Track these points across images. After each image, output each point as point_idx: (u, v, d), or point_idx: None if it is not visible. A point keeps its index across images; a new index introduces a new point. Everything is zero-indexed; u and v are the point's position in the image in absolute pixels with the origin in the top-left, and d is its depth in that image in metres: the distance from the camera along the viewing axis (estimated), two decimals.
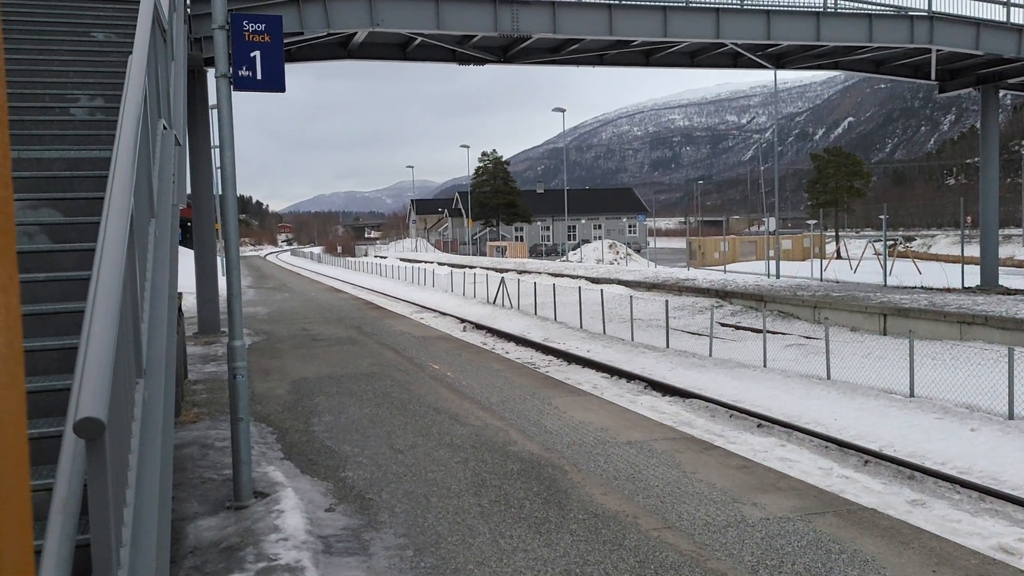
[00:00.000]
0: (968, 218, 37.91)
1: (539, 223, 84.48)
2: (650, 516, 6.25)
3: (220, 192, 9.25)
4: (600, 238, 67.46)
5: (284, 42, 7.71)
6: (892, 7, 21.66)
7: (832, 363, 13.78)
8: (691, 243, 52.15)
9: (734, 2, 20.54)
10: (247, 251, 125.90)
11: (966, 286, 25.47)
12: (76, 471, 2.35)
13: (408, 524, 6.22)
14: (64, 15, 9.09)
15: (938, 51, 22.34)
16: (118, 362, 2.67)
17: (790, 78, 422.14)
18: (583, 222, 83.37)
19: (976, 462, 9.04)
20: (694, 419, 11.28)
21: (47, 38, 8.43)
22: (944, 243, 62.05)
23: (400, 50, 21.31)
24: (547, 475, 7.36)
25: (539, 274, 37.85)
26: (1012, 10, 22.79)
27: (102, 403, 2.29)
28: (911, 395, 12.05)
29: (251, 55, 6.84)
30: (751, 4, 20.65)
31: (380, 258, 74.21)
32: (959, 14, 22.21)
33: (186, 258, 16.19)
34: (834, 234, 59.61)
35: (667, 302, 19.59)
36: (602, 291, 22.85)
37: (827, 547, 5.58)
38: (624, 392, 13.41)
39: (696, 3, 20.24)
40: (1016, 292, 23.61)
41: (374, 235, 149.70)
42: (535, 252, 72.84)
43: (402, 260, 64.69)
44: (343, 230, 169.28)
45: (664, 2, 19.92)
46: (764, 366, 14.94)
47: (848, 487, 8.13)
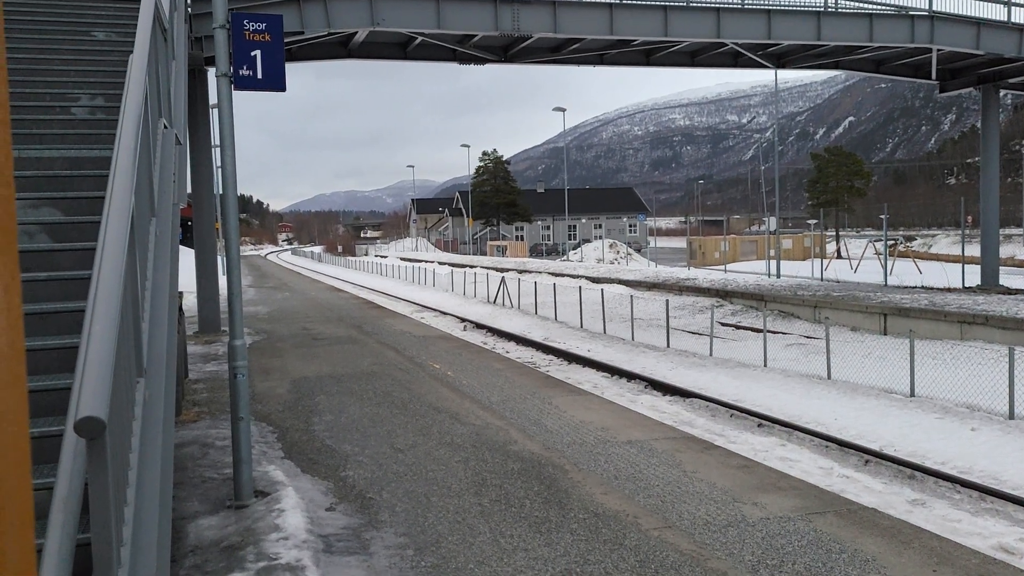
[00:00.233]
0: (969, 218, 37.88)
1: (539, 223, 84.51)
2: (650, 516, 6.25)
3: (221, 191, 9.25)
4: (600, 238, 67.45)
5: (285, 41, 7.71)
6: (893, 7, 21.65)
7: (833, 363, 13.78)
8: (691, 243, 52.16)
9: (735, 2, 20.53)
10: (247, 250, 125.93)
11: (967, 286, 25.46)
12: (77, 470, 2.35)
13: (408, 523, 6.23)
14: (65, 14, 9.10)
15: (939, 51, 22.34)
16: (119, 361, 2.67)
17: (791, 77, 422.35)
18: (583, 221, 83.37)
19: (976, 462, 9.04)
20: (695, 419, 11.28)
21: (48, 37, 8.44)
22: (945, 243, 62.03)
23: (401, 49, 21.31)
24: (547, 474, 7.36)
25: (539, 273, 37.85)
26: (1013, 10, 22.80)
27: (103, 402, 2.29)
28: (911, 395, 12.05)
29: (252, 54, 6.85)
30: (752, 4, 20.64)
31: (380, 257, 74.23)
32: (960, 14, 22.20)
33: (187, 257, 16.20)
34: (835, 234, 59.58)
35: (667, 302, 19.59)
36: (602, 291, 22.85)
37: (827, 547, 5.59)
38: (625, 391, 13.41)
39: (697, 3, 20.23)
40: (1017, 292, 23.60)
41: (370, 235, 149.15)
42: (535, 252, 72.83)
43: (402, 259, 64.70)
44: (343, 229, 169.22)
45: (665, 2, 19.92)
46: (765, 366, 14.94)
47: (848, 487, 8.13)
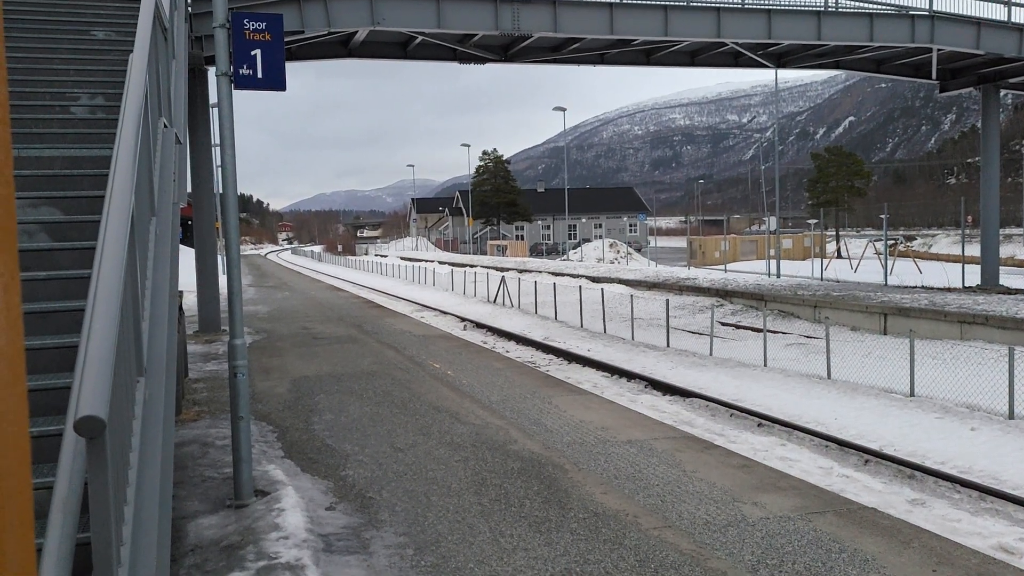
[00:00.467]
0: (969, 217, 37.89)
1: (540, 222, 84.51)
2: (650, 515, 6.25)
3: (221, 190, 9.25)
4: (601, 237, 67.46)
5: (285, 41, 7.71)
6: (893, 6, 21.65)
7: (832, 362, 13.78)
8: (692, 242, 52.17)
9: (735, 1, 20.53)
10: (247, 250, 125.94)
11: (967, 286, 25.46)
12: (77, 469, 2.35)
13: (408, 523, 6.23)
14: (65, 13, 9.09)
15: (939, 50, 22.34)
16: (119, 360, 2.67)
17: (791, 77, 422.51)
18: (584, 221, 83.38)
19: (976, 461, 9.04)
20: (694, 418, 11.27)
21: (48, 36, 8.43)
22: (945, 242, 62.01)
23: (401, 49, 21.31)
24: (547, 474, 7.36)
25: (540, 273, 37.86)
26: (1013, 10, 22.79)
27: (103, 401, 2.29)
28: (911, 394, 12.05)
29: (252, 53, 6.84)
30: (752, 3, 20.64)
31: (381, 257, 74.22)
32: (960, 13, 22.20)
33: (187, 256, 16.19)
34: (835, 233, 59.55)
35: (668, 301, 19.59)
36: (603, 290, 22.85)
37: (827, 546, 5.58)
38: (624, 391, 13.40)
39: (697, 2, 20.22)
40: (1017, 291, 23.60)
41: (367, 234, 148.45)
42: (536, 251, 72.81)
43: (403, 259, 64.70)
44: (343, 229, 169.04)
45: (665, 1, 19.91)
46: (764, 365, 14.93)
47: (848, 486, 8.13)
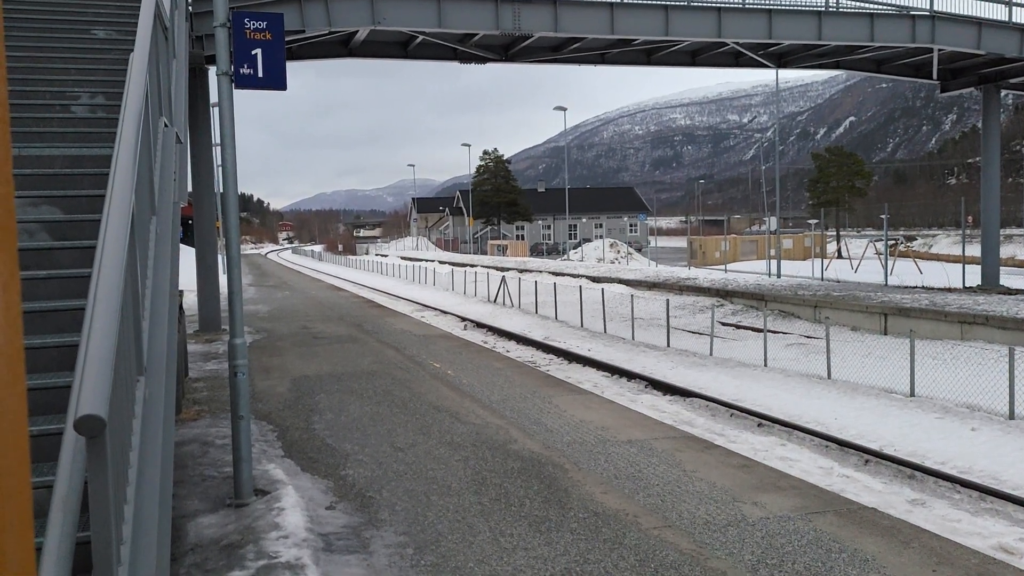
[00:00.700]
0: (969, 218, 37.88)
1: (540, 222, 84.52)
2: (650, 515, 6.25)
3: (221, 190, 9.25)
4: (601, 237, 67.48)
5: (285, 40, 7.71)
6: (894, 6, 21.64)
7: (833, 362, 13.78)
8: (692, 242, 52.18)
9: (736, 1, 20.53)
10: (248, 249, 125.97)
11: (967, 286, 25.45)
12: (77, 468, 2.35)
13: (408, 522, 6.23)
14: (65, 12, 9.09)
15: (940, 51, 22.33)
16: (119, 359, 2.67)
17: (791, 77, 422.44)
18: (584, 221, 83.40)
19: (976, 462, 9.04)
20: (695, 418, 11.27)
21: (48, 35, 8.43)
22: (945, 243, 62.02)
23: (402, 48, 21.31)
24: (547, 473, 7.36)
25: (540, 273, 37.86)
26: (1014, 10, 22.78)
27: (103, 400, 2.29)
28: (912, 395, 12.05)
29: (252, 53, 6.85)
30: (753, 3, 20.64)
31: (381, 256, 74.23)
32: (961, 13, 22.19)
33: (187, 256, 16.20)
34: (835, 233, 59.54)
35: (668, 301, 19.59)
36: (603, 290, 22.84)
37: (827, 546, 5.58)
38: (625, 391, 13.40)
39: (698, 2, 20.22)
40: (1017, 292, 23.59)
41: (364, 233, 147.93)
42: (536, 251, 72.83)
43: (403, 258, 64.68)
44: (344, 228, 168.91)
45: (666, 1, 19.92)
46: (765, 365, 14.93)
47: (848, 486, 8.13)
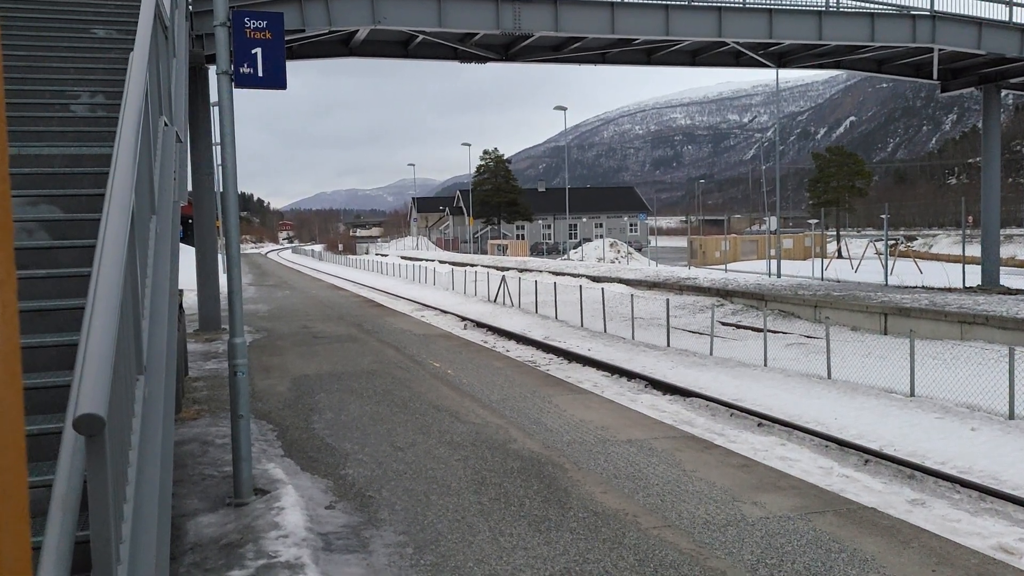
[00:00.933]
0: (969, 218, 37.89)
1: (540, 221, 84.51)
2: (650, 514, 6.25)
3: (221, 189, 9.24)
4: (601, 237, 67.47)
5: (286, 39, 7.71)
6: (894, 6, 21.64)
7: (833, 362, 13.78)
8: (692, 242, 52.18)
9: (736, 1, 20.53)
10: (248, 248, 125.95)
11: (967, 286, 25.45)
12: (76, 467, 2.35)
13: (408, 522, 6.22)
14: (65, 11, 9.09)
15: (940, 50, 22.33)
16: (118, 358, 2.67)
17: (792, 77, 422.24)
18: (584, 221, 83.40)
19: (976, 462, 9.03)
20: (694, 418, 11.27)
21: (48, 34, 8.43)
22: (945, 243, 61.99)
23: (402, 48, 21.31)
24: (547, 473, 7.36)
25: (540, 272, 37.85)
26: (1015, 10, 22.78)
27: (102, 399, 2.28)
28: (912, 395, 12.05)
29: (252, 52, 6.84)
30: (753, 3, 20.63)
31: (381, 256, 74.23)
32: (961, 13, 22.19)
33: (187, 255, 16.19)
34: (835, 233, 59.53)
35: (668, 301, 19.58)
36: (603, 290, 22.84)
37: (827, 546, 5.58)
38: (625, 391, 13.40)
39: (698, 2, 20.22)
40: (1017, 292, 23.59)
41: (360, 233, 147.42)
42: (536, 250, 72.83)
43: (403, 258, 64.68)
44: (344, 228, 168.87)
45: (666, 1, 19.91)
46: (765, 365, 14.93)
47: (848, 486, 8.13)
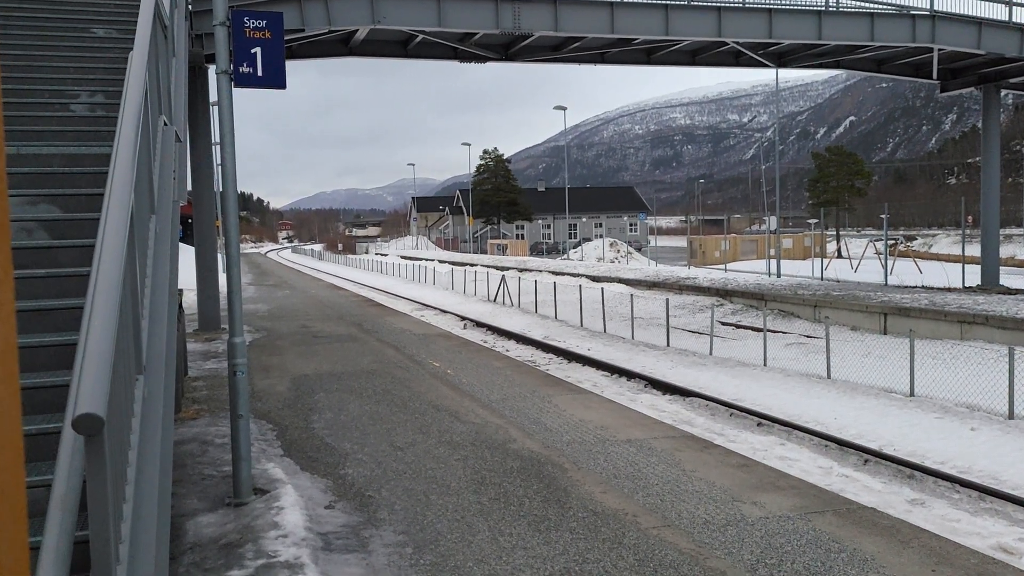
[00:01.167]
0: (969, 218, 37.89)
1: (540, 221, 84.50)
2: (650, 514, 6.24)
3: (221, 188, 9.25)
4: (601, 236, 67.47)
5: (285, 39, 7.71)
6: (894, 6, 21.63)
7: (832, 362, 13.78)
8: (692, 242, 52.20)
9: (736, 0, 20.52)
10: (248, 248, 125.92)
11: (967, 286, 25.46)
12: (75, 467, 2.35)
13: (407, 521, 6.22)
14: (64, 11, 9.09)
15: (940, 50, 22.32)
16: (118, 358, 2.67)
17: (791, 77, 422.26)
18: (584, 220, 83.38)
19: (976, 461, 9.04)
20: (694, 417, 11.27)
21: (47, 34, 8.43)
22: (945, 242, 62.04)
23: (402, 47, 21.30)
24: (547, 473, 7.36)
25: (540, 272, 37.85)
26: (1015, 9, 22.77)
27: (101, 399, 2.28)
28: (911, 394, 12.05)
29: (252, 51, 6.84)
30: (753, 3, 20.63)
31: (381, 255, 74.22)
32: (961, 13, 22.18)
33: (187, 255, 16.19)
34: (835, 233, 59.55)
35: (668, 301, 19.58)
36: (603, 289, 22.84)
37: (826, 546, 5.58)
38: (624, 390, 13.40)
39: (698, 1, 20.21)
40: (1017, 292, 23.59)
41: (357, 233, 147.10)
42: (536, 250, 72.82)
43: (403, 258, 64.66)
44: (344, 227, 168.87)
45: (665, 0, 19.91)
46: (764, 365, 14.93)
47: (848, 486, 8.12)
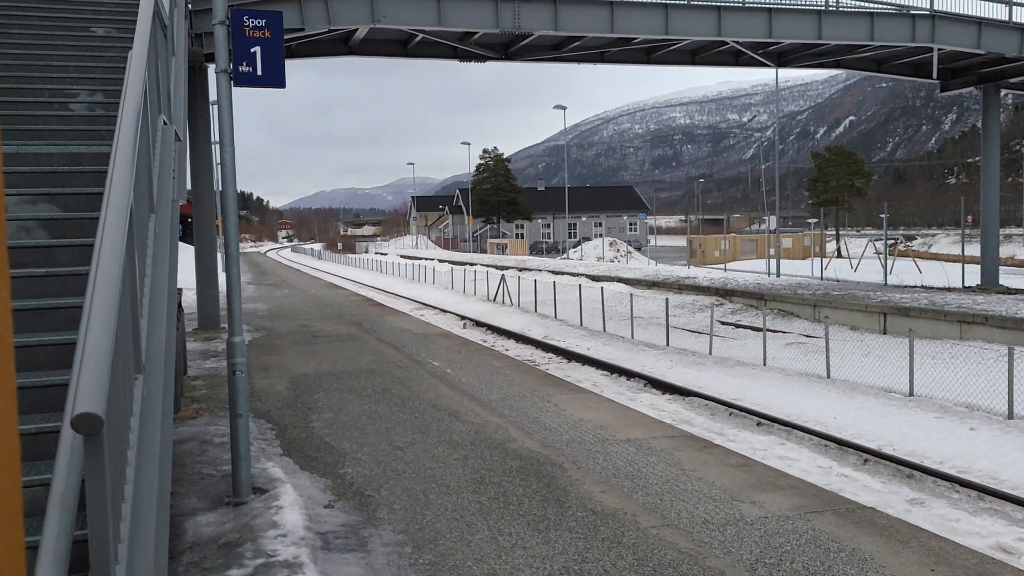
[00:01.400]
0: (969, 217, 37.91)
1: (540, 221, 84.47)
2: (649, 514, 6.24)
3: (220, 188, 9.24)
4: (601, 236, 67.46)
5: (285, 38, 7.70)
6: (894, 6, 21.63)
7: (832, 362, 13.78)
8: (692, 241, 52.19)
9: (736, 0, 20.52)
10: (247, 247, 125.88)
11: (966, 285, 25.46)
12: (74, 466, 2.35)
13: (407, 521, 6.22)
14: (64, 10, 9.09)
15: (940, 50, 22.32)
16: (117, 357, 2.67)
17: (791, 76, 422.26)
18: (584, 220, 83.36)
19: (975, 461, 9.04)
20: (694, 417, 11.27)
21: (47, 33, 8.43)
22: (945, 242, 62.05)
23: (401, 47, 21.29)
24: (546, 472, 7.36)
25: (539, 271, 37.84)
26: (1015, 9, 22.77)
27: (100, 398, 2.28)
28: (911, 394, 12.05)
29: (251, 51, 6.84)
30: (752, 2, 20.62)
31: (381, 255, 74.21)
32: (961, 13, 22.18)
33: (186, 254, 16.20)
34: (835, 233, 59.54)
35: (667, 300, 19.59)
36: (602, 289, 22.84)
37: (826, 546, 5.58)
38: (624, 390, 13.40)
39: (697, 1, 20.20)
40: (1016, 291, 23.60)
41: (351, 232, 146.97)
42: (536, 250, 72.82)
43: (403, 257, 64.64)
44: (342, 227, 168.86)
45: (665, 0, 19.90)
46: (764, 364, 14.93)
47: (847, 486, 8.13)
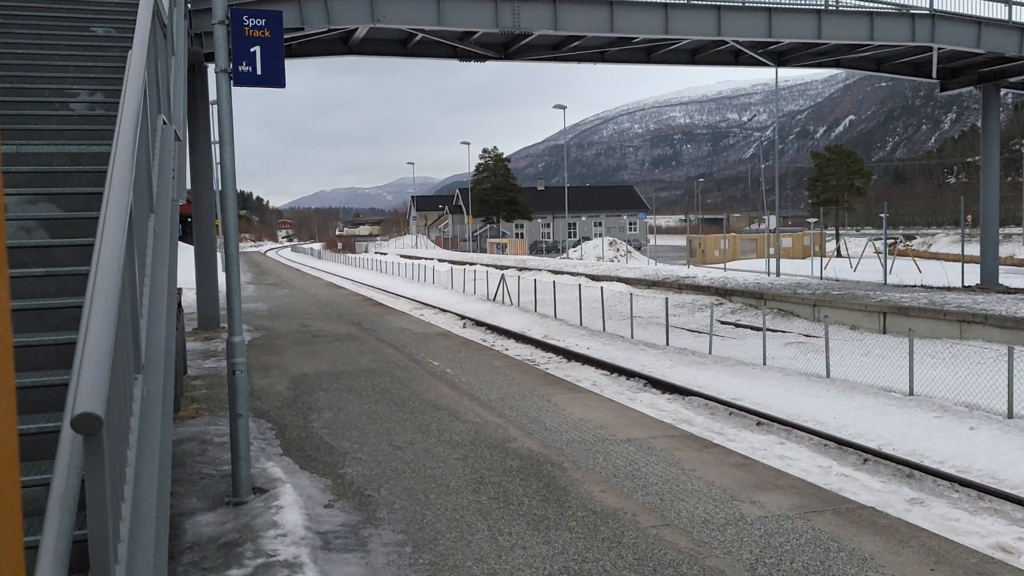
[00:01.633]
0: (968, 217, 37.89)
1: (539, 220, 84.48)
2: (649, 514, 6.25)
3: (220, 187, 9.24)
4: (600, 235, 67.50)
5: (284, 38, 7.70)
6: (894, 5, 21.62)
7: (832, 361, 13.78)
8: (691, 241, 52.19)
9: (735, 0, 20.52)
10: (247, 247, 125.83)
11: (966, 285, 25.46)
12: (74, 466, 2.35)
13: (407, 521, 6.22)
14: (64, 9, 9.09)
15: (939, 49, 22.32)
16: (117, 357, 2.67)
17: (791, 76, 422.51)
18: (583, 219, 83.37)
19: (975, 461, 9.04)
20: (693, 417, 11.27)
21: (47, 32, 8.42)
22: (944, 242, 62.06)
23: (401, 46, 21.29)
24: (546, 472, 7.36)
25: (539, 271, 37.84)
26: (1014, 9, 22.77)
27: (100, 398, 2.28)
28: (910, 393, 12.05)
29: (251, 50, 6.84)
30: (752, 2, 20.61)
31: (381, 254, 74.21)
32: (961, 13, 22.18)
33: (186, 254, 16.18)
34: (834, 232, 59.55)
35: (667, 300, 19.59)
36: (602, 288, 22.84)
37: (825, 545, 5.58)
38: (624, 389, 13.40)
39: (697, 0, 20.20)
40: (1016, 291, 23.59)
41: (347, 232, 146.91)
42: (535, 249, 72.85)
43: (402, 256, 64.62)
44: (340, 226, 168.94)
45: None
46: (764, 364, 14.93)
47: (847, 485, 8.13)
